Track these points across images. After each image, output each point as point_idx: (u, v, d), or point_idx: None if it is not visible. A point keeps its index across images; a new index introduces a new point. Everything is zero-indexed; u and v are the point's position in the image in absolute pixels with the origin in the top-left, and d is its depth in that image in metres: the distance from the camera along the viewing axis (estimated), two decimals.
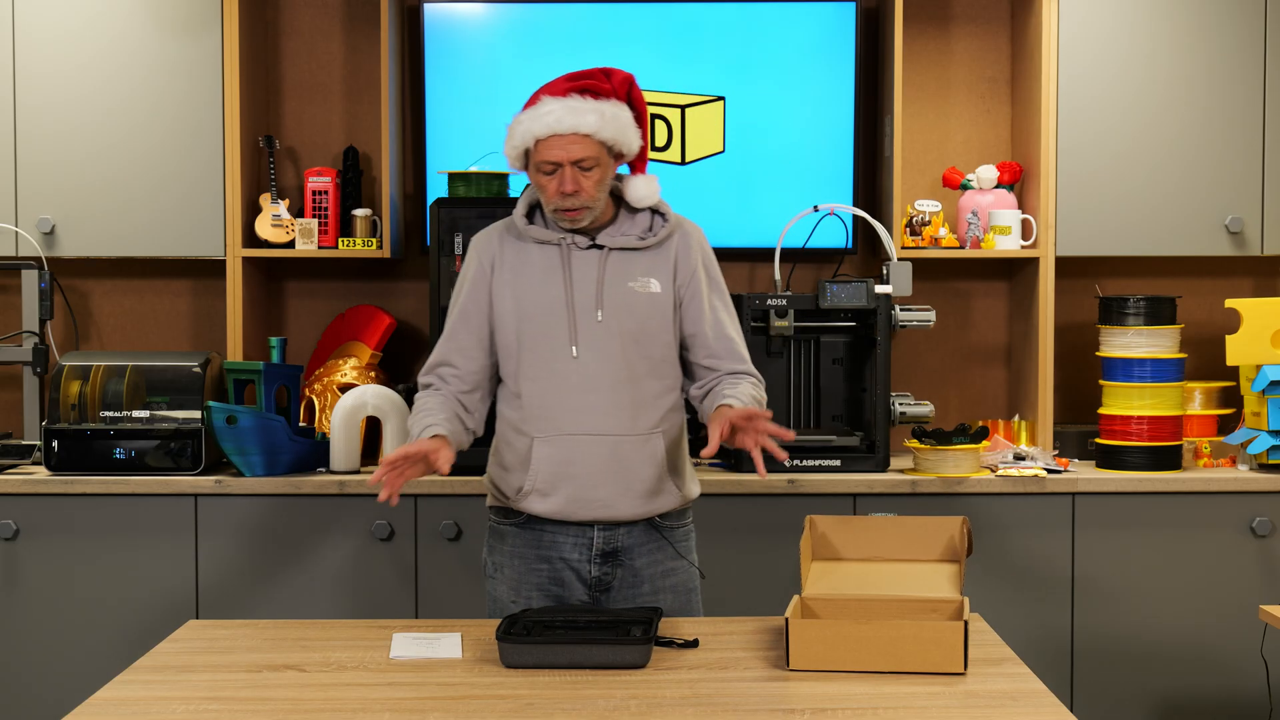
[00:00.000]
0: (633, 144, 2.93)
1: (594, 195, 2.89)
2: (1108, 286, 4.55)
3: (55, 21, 4.27)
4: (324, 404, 4.30)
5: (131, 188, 4.29)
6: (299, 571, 4.00)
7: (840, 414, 4.28)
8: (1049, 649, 4.04)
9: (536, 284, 2.95)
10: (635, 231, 2.98)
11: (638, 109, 2.97)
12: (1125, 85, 4.29)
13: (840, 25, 4.46)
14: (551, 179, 2.88)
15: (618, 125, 2.89)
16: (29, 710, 4.01)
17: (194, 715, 2.33)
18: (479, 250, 3.02)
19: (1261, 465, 4.13)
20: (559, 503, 2.95)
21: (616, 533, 2.98)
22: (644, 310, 2.94)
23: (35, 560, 4.01)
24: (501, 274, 2.98)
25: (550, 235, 2.96)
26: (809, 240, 4.39)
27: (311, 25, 4.61)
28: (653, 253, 2.97)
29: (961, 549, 2.85)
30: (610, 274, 2.93)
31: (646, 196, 2.97)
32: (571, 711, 2.34)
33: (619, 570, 2.99)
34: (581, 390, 2.92)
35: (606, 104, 2.88)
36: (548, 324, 2.93)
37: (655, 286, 2.95)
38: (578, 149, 2.85)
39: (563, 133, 2.85)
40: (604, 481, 2.94)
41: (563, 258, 2.94)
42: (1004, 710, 2.35)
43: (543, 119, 2.86)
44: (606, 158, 2.90)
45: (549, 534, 2.99)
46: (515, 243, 2.99)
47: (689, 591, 3.05)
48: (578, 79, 2.91)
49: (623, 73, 2.96)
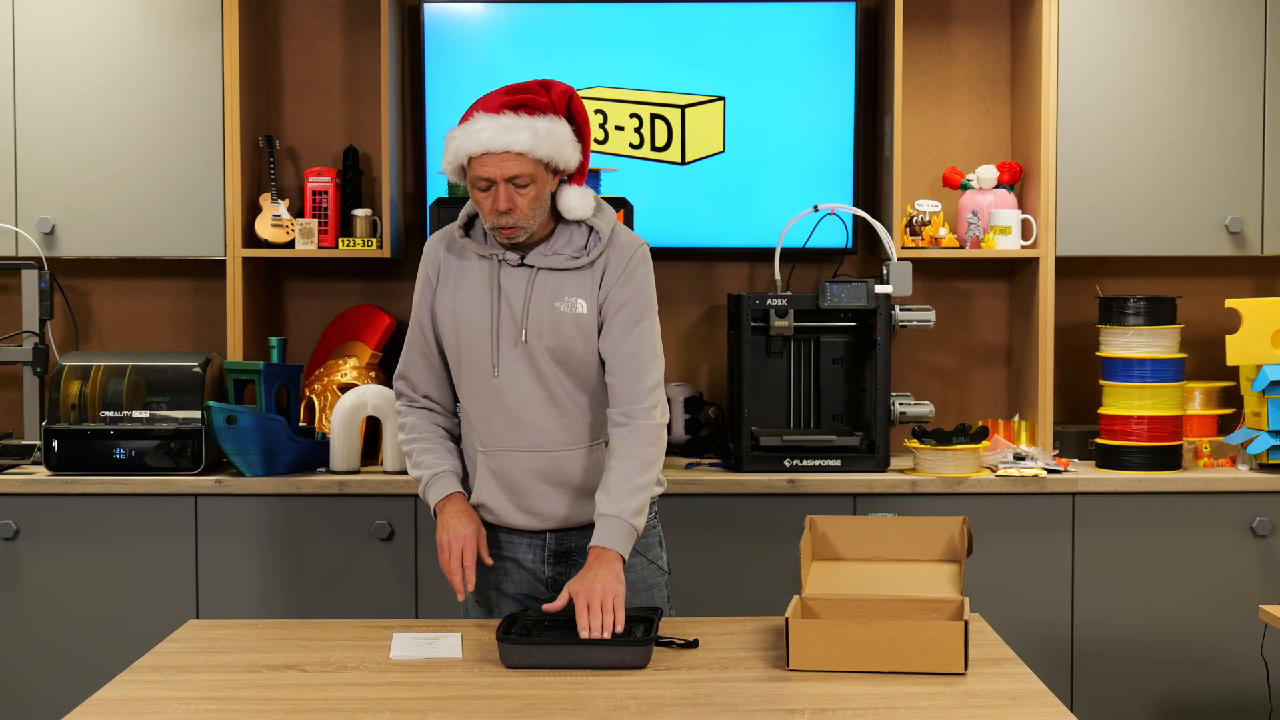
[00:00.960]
0: (570, 160, 2.85)
1: (528, 214, 2.83)
2: (1108, 286, 4.55)
3: (55, 21, 4.27)
4: (324, 404, 4.30)
5: (131, 188, 4.29)
6: (299, 571, 4.00)
7: (840, 414, 4.28)
8: (1049, 649, 4.04)
9: (471, 300, 2.92)
10: (568, 250, 2.91)
11: (578, 121, 2.90)
12: (1125, 85, 4.29)
13: (840, 25, 4.47)
14: (486, 196, 2.82)
15: (553, 142, 2.81)
16: (29, 710, 4.01)
17: (194, 715, 2.33)
18: (425, 259, 3.01)
19: (1261, 465, 4.13)
20: (506, 514, 2.96)
21: (569, 534, 2.99)
22: (568, 331, 2.88)
23: (35, 560, 4.01)
24: (444, 285, 2.96)
25: (484, 249, 2.92)
26: (809, 240, 4.39)
27: (311, 25, 4.61)
28: (582, 272, 2.90)
29: (961, 549, 2.85)
30: (537, 293, 2.88)
31: (578, 208, 2.89)
32: (571, 711, 2.34)
33: (572, 570, 2.97)
34: (514, 407, 2.90)
35: (542, 120, 2.80)
36: (477, 342, 2.91)
37: (581, 307, 2.89)
38: (511, 167, 2.78)
39: (495, 151, 2.78)
40: (547, 495, 2.94)
41: (492, 275, 2.91)
42: (1004, 710, 2.35)
43: (474, 137, 2.79)
44: (543, 174, 2.83)
45: (504, 536, 3.00)
46: (455, 256, 2.97)
47: (650, 588, 3.01)
48: (514, 93, 2.83)
49: (562, 85, 2.88)
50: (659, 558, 3.05)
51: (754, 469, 4.08)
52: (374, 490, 3.98)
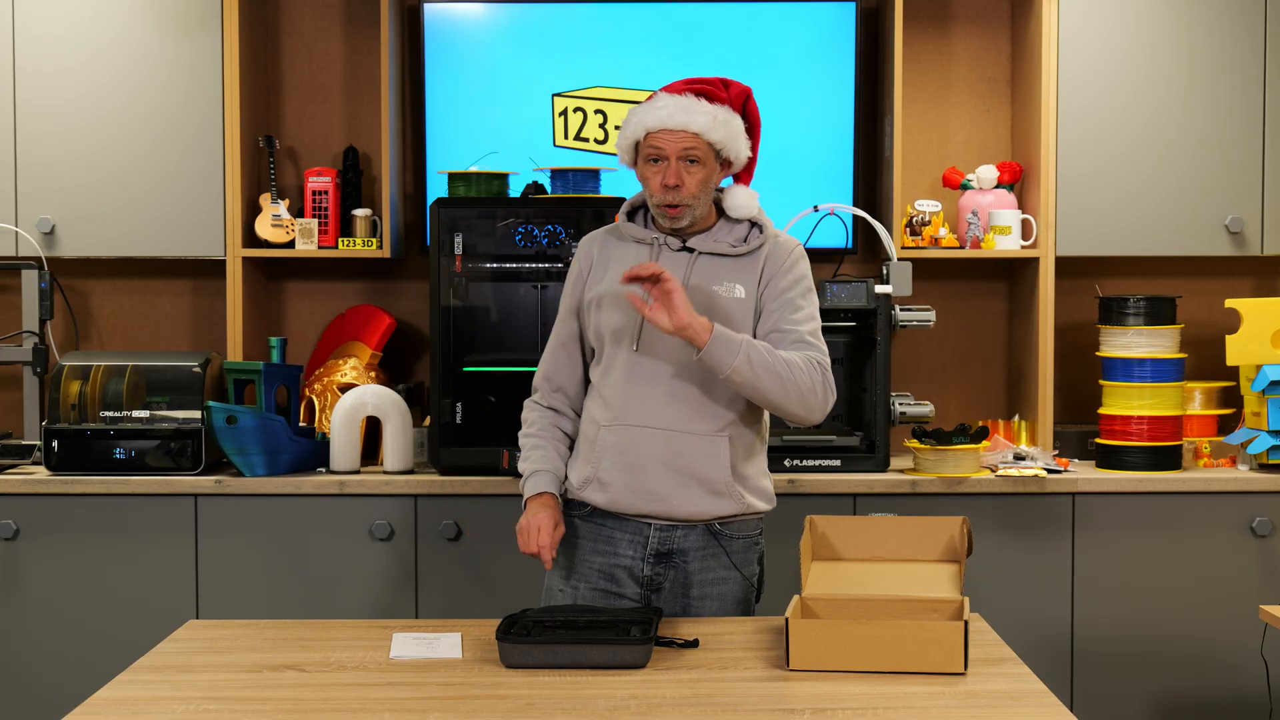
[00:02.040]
0: (741, 152, 2.96)
1: (696, 193, 2.92)
2: (1108, 286, 4.55)
3: (55, 21, 4.27)
4: (324, 404, 4.30)
5: (131, 188, 4.29)
6: (299, 571, 4.00)
7: (840, 414, 4.28)
8: (1049, 649, 4.04)
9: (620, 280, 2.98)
10: (729, 240, 3.00)
11: (751, 121, 3.01)
12: (1125, 85, 4.29)
13: (840, 25, 4.47)
14: (657, 172, 2.92)
15: (728, 130, 2.92)
16: (29, 710, 4.01)
17: (194, 715, 2.33)
18: (580, 251, 3.09)
19: (1261, 465, 4.13)
20: (617, 492, 2.96)
21: (673, 534, 2.97)
22: (725, 311, 2.94)
23: (35, 560, 4.01)
24: (596, 271, 3.03)
25: (645, 234, 2.99)
26: (809, 240, 4.37)
27: (311, 25, 4.61)
28: (742, 260, 2.98)
29: (961, 549, 2.85)
30: (696, 276, 2.95)
31: (745, 206, 3.00)
32: (571, 711, 2.34)
33: (671, 572, 2.98)
34: (648, 383, 2.93)
35: (720, 109, 2.92)
36: (624, 318, 2.96)
37: (740, 292, 2.95)
38: (686, 143, 2.89)
39: (673, 128, 2.89)
40: (662, 475, 2.93)
41: (652, 256, 2.98)
42: (1004, 710, 2.35)
43: (656, 111, 2.91)
44: (713, 160, 2.94)
45: (608, 529, 3.00)
46: (614, 242, 3.04)
47: (736, 603, 3.02)
48: (696, 83, 2.96)
49: (741, 85, 3.00)
50: (754, 575, 3.06)
51: None
52: (374, 490, 3.98)
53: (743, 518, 3.01)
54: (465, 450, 4.01)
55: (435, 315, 4.03)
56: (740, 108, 2.98)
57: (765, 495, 3.04)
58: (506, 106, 4.52)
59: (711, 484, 2.94)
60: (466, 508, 3.99)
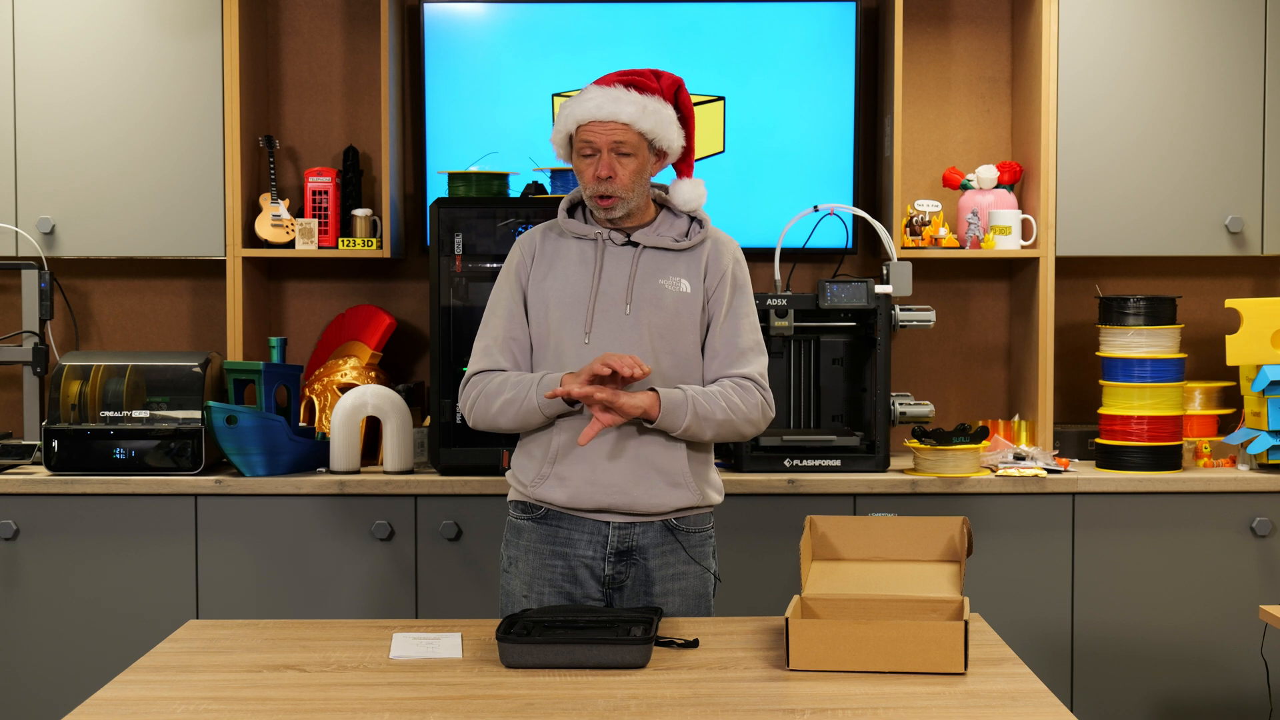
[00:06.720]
0: (673, 141, 2.99)
1: (628, 185, 2.94)
2: (1108, 286, 4.55)
3: (55, 21, 4.27)
4: (324, 404, 4.30)
5: (131, 188, 4.29)
6: (299, 571, 4.00)
7: (840, 414, 4.28)
8: (1049, 649, 4.04)
9: (568, 273, 3.00)
10: (671, 234, 3.03)
11: (684, 111, 3.03)
12: (1125, 85, 4.29)
13: (840, 25, 4.47)
14: (589, 164, 2.95)
15: (659, 119, 2.95)
16: (29, 710, 4.01)
17: (194, 715, 2.33)
18: (520, 244, 3.09)
19: (1261, 465, 4.13)
20: (576, 486, 2.95)
21: (632, 530, 2.98)
22: (672, 307, 2.97)
23: (35, 560, 4.01)
24: (538, 267, 3.04)
25: (587, 230, 3.01)
26: (809, 240, 4.39)
27: (311, 25, 4.61)
28: (686, 255, 3.02)
29: (961, 549, 2.85)
30: (643, 270, 2.98)
31: (693, 199, 3.04)
32: (571, 711, 2.34)
33: (633, 569, 2.99)
34: None
35: (649, 99, 2.95)
36: (571, 312, 2.97)
37: (685, 287, 2.99)
38: (616, 134, 2.92)
39: (602, 119, 2.92)
40: (621, 466, 2.94)
41: (596, 252, 2.99)
42: (1004, 710, 2.35)
43: (585, 104, 2.95)
44: (645, 150, 2.96)
45: (564, 530, 2.99)
46: (555, 239, 3.06)
47: (699, 597, 3.04)
48: (626, 75, 2.99)
49: (672, 75, 3.02)
50: (712, 566, 3.08)
51: (754, 469, 4.08)
52: (374, 490, 3.98)
53: (697, 511, 3.03)
54: (465, 450, 4.01)
55: (435, 315, 4.04)
56: (672, 97, 3.01)
57: (718, 488, 3.09)
58: (506, 106, 4.52)
59: (671, 475, 2.96)
60: (466, 508, 3.99)
